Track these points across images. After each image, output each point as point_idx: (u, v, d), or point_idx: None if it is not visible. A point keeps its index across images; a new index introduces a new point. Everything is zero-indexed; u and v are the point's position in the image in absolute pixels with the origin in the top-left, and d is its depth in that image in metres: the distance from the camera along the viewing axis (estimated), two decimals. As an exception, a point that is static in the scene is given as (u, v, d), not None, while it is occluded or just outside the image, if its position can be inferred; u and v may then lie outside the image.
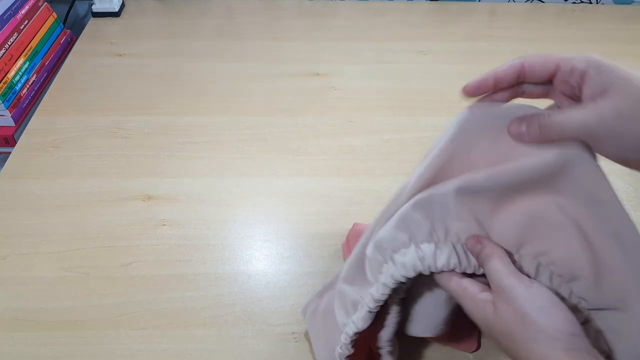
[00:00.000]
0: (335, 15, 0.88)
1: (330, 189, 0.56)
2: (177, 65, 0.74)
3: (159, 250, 0.50)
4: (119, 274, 0.47)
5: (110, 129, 0.63)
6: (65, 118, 0.64)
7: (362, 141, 0.63)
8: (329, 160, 0.60)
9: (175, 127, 0.63)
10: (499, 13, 0.90)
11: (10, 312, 0.44)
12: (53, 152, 0.59)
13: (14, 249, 0.49)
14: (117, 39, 0.79)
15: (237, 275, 0.48)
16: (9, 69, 0.67)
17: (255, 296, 0.46)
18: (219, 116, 0.65)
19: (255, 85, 0.71)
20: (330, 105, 0.68)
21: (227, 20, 0.85)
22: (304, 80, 0.72)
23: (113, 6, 0.83)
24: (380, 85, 0.72)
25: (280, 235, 0.52)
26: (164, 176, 0.57)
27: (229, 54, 0.77)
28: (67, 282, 0.47)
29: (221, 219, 0.53)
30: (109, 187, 0.56)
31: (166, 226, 0.52)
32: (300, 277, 0.48)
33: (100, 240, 0.50)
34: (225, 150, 0.61)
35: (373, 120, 0.66)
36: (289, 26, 0.84)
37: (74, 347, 0.42)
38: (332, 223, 0.53)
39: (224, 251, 0.50)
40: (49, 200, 0.54)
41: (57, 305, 0.45)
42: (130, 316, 0.44)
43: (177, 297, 0.46)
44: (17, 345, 0.42)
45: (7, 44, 0.67)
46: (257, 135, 0.63)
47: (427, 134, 0.64)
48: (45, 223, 0.52)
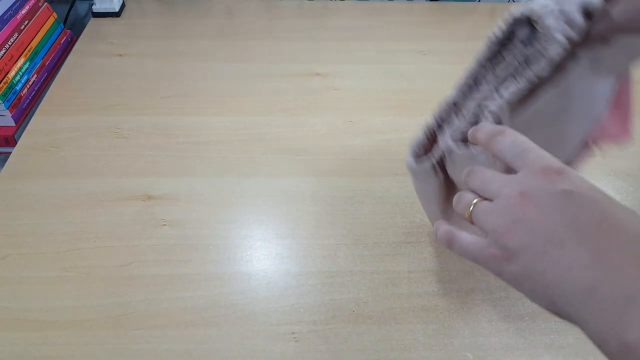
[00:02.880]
0: (335, 15, 0.88)
1: (330, 189, 0.56)
2: (177, 65, 0.74)
3: (159, 250, 0.50)
4: (119, 274, 0.47)
5: (110, 129, 0.63)
6: (65, 118, 0.64)
7: (362, 141, 0.63)
8: (329, 160, 0.60)
9: (175, 127, 0.63)
10: (499, 13, 0.90)
11: (10, 312, 0.44)
12: (53, 152, 0.59)
13: (14, 249, 0.49)
14: (117, 39, 0.79)
15: (237, 275, 0.48)
16: (9, 69, 0.67)
17: (255, 296, 0.46)
18: (219, 116, 0.65)
19: (255, 85, 0.71)
20: (330, 105, 0.68)
21: (227, 20, 0.85)
22: (304, 80, 0.72)
23: (113, 6, 0.83)
24: (380, 85, 0.72)
25: (280, 235, 0.52)
26: (164, 176, 0.57)
27: (229, 54, 0.77)
28: (67, 282, 0.47)
29: (221, 219, 0.53)
30: (109, 187, 0.56)
31: (166, 226, 0.52)
32: (300, 277, 0.48)
33: (100, 240, 0.50)
34: (225, 150, 0.61)
35: (373, 120, 0.66)
36: (289, 26, 0.84)
37: (74, 347, 0.42)
38: (332, 223, 0.53)
39: (224, 251, 0.50)
40: (49, 200, 0.54)
41: (57, 305, 0.45)
42: (130, 316, 0.44)
43: (177, 297, 0.46)
44: (17, 345, 0.42)
45: (8, 44, 0.67)
46: (257, 135, 0.63)
47: (427, 134, 0.64)
48: (45, 223, 0.52)
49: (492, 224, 0.27)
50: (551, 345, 0.44)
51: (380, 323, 0.45)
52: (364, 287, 0.47)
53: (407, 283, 0.48)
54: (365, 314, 0.45)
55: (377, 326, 0.45)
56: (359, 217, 0.54)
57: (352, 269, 0.49)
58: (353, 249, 0.50)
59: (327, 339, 0.44)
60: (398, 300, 0.46)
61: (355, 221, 0.53)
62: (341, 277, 0.48)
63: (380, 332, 0.44)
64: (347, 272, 0.48)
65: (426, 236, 0.52)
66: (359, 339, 0.44)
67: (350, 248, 0.51)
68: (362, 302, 0.46)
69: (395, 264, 0.49)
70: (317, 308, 0.46)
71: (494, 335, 0.44)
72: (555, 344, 0.44)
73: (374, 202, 0.55)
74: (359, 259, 0.50)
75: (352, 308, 0.46)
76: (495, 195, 0.28)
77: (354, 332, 0.44)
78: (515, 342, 0.44)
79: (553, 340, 0.44)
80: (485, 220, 0.27)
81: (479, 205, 0.28)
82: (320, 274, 0.48)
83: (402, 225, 0.53)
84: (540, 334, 0.45)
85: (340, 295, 0.47)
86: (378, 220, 0.53)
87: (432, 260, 0.50)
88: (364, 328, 0.44)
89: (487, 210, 0.28)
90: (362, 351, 0.43)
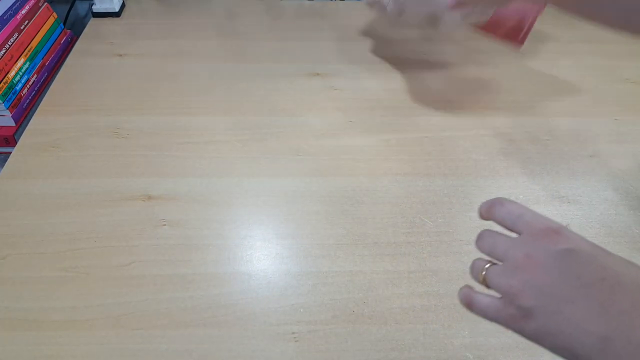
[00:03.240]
0: (335, 15, 0.88)
1: (330, 189, 0.56)
2: (177, 65, 0.74)
3: (159, 250, 0.50)
4: (119, 274, 0.47)
5: (110, 129, 0.63)
6: (65, 118, 0.64)
7: (362, 141, 0.63)
8: (329, 160, 0.60)
9: (175, 127, 0.63)
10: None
11: (10, 312, 0.44)
12: (53, 152, 0.59)
13: (14, 249, 0.49)
14: (117, 39, 0.79)
15: (237, 275, 0.48)
16: (10, 69, 0.67)
17: (255, 296, 0.46)
18: (219, 116, 0.65)
19: (255, 85, 0.71)
20: (330, 105, 0.68)
21: (227, 20, 0.85)
22: (304, 80, 0.72)
23: (113, 6, 0.83)
24: (380, 85, 0.72)
25: (280, 235, 0.52)
26: (164, 176, 0.57)
27: (229, 54, 0.77)
28: (67, 282, 0.47)
29: (221, 219, 0.53)
30: (109, 187, 0.56)
31: (166, 226, 0.52)
32: (300, 277, 0.48)
33: (100, 240, 0.50)
34: (225, 150, 0.61)
35: (373, 120, 0.66)
36: (289, 26, 0.84)
37: (74, 347, 0.42)
38: (332, 223, 0.53)
39: (224, 251, 0.50)
40: (49, 200, 0.54)
41: (57, 305, 0.45)
42: (130, 316, 0.44)
43: (177, 297, 0.46)
44: (17, 345, 0.42)
45: (8, 44, 0.67)
46: (257, 135, 0.63)
47: (427, 134, 0.64)
48: (45, 223, 0.52)
49: (505, 285, 0.29)
50: (551, 345, 0.44)
51: (380, 323, 0.45)
52: (364, 287, 0.47)
53: (407, 283, 0.48)
54: (365, 314, 0.45)
55: (377, 326, 0.45)
56: (359, 217, 0.54)
57: (352, 269, 0.49)
58: (353, 249, 0.50)
59: (327, 339, 0.44)
60: (398, 300, 0.46)
61: (355, 221, 0.53)
62: (341, 277, 0.48)
63: (380, 332, 0.44)
64: (347, 272, 0.49)
65: (426, 236, 0.52)
66: (359, 339, 0.44)
67: (350, 248, 0.51)
68: (362, 302, 0.46)
69: (395, 264, 0.49)
70: (317, 308, 0.46)
71: (494, 335, 0.44)
72: (555, 344, 0.44)
73: (374, 202, 0.55)
74: (359, 259, 0.50)
75: (352, 308, 0.46)
76: (503, 258, 0.30)
77: (354, 332, 0.44)
78: (515, 342, 0.44)
79: (553, 340, 0.44)
80: (499, 283, 0.30)
81: (490, 269, 0.31)
82: (320, 274, 0.48)
83: (402, 225, 0.53)
84: (540, 334, 0.44)
85: (340, 295, 0.47)
86: (378, 220, 0.53)
87: (432, 260, 0.50)
88: (364, 328, 0.44)
89: (498, 273, 0.30)
90: (362, 351, 0.43)
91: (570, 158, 0.62)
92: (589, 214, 0.55)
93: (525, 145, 0.63)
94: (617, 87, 0.73)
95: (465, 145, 0.62)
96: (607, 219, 0.55)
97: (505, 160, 0.61)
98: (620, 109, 0.69)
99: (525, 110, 0.68)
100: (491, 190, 0.57)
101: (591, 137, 0.65)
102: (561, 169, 0.60)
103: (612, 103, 0.71)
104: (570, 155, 0.62)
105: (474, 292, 0.32)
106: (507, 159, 0.61)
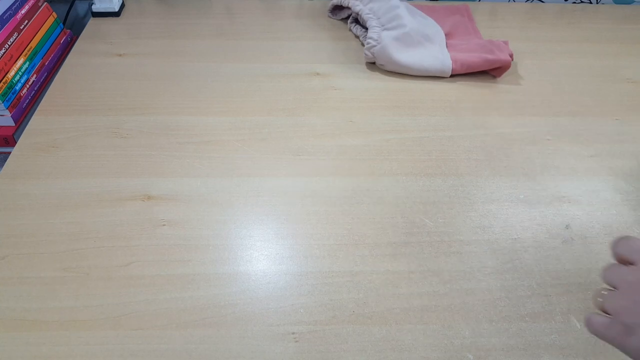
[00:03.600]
0: (335, 15, 0.88)
1: (330, 189, 0.56)
2: (177, 65, 0.74)
3: (159, 250, 0.50)
4: (119, 274, 0.47)
5: (110, 129, 0.63)
6: (65, 118, 0.64)
7: (362, 141, 0.63)
8: (329, 160, 0.60)
9: (175, 127, 0.63)
10: (499, 13, 0.90)
11: (10, 312, 0.44)
12: (53, 152, 0.59)
13: (14, 249, 0.49)
14: (117, 39, 0.79)
15: (237, 275, 0.48)
16: (9, 68, 0.67)
17: (255, 296, 0.46)
18: (219, 116, 0.65)
19: (255, 85, 0.71)
20: (330, 105, 0.68)
21: (227, 20, 0.85)
22: (304, 80, 0.72)
23: (113, 6, 0.83)
24: (380, 85, 0.72)
25: (280, 235, 0.52)
26: (164, 176, 0.57)
27: (229, 54, 0.77)
28: (67, 282, 0.47)
29: (221, 219, 0.53)
30: (109, 187, 0.56)
31: (166, 226, 0.52)
32: (300, 277, 0.48)
33: (100, 240, 0.50)
34: (225, 150, 0.61)
35: (373, 120, 0.66)
36: (289, 26, 0.84)
37: (74, 347, 0.42)
38: (332, 223, 0.53)
39: (224, 251, 0.50)
40: (49, 200, 0.54)
41: (57, 305, 0.45)
42: (130, 316, 0.44)
43: (177, 297, 0.46)
44: (17, 345, 0.42)
45: (7, 44, 0.67)
46: (257, 135, 0.63)
47: (427, 134, 0.64)
48: (45, 223, 0.52)
49: (615, 305, 0.32)
50: (551, 345, 0.44)
51: (380, 323, 0.45)
52: (364, 287, 0.47)
53: (407, 283, 0.48)
54: (365, 314, 0.45)
55: (377, 326, 0.45)
56: (359, 217, 0.54)
57: (352, 269, 0.49)
58: (353, 249, 0.50)
59: (327, 339, 0.43)
60: (398, 300, 0.46)
61: (355, 221, 0.53)
62: (341, 277, 0.48)
63: (380, 332, 0.44)
64: (347, 272, 0.48)
65: (426, 236, 0.52)
66: (359, 339, 0.44)
67: (350, 248, 0.51)
68: (362, 302, 0.46)
69: (395, 264, 0.49)
70: (317, 308, 0.46)
71: (494, 336, 0.44)
72: (556, 344, 0.44)
73: (374, 202, 0.55)
74: (359, 259, 0.50)
75: (352, 308, 0.46)
76: (618, 284, 0.33)
77: (354, 332, 0.44)
78: (516, 342, 0.44)
79: (553, 340, 0.44)
80: (610, 305, 0.33)
81: (606, 294, 0.33)
82: (320, 274, 0.48)
83: (402, 225, 0.53)
84: (540, 334, 0.45)
85: (340, 295, 0.47)
86: (378, 220, 0.53)
87: (432, 260, 0.50)
88: (364, 328, 0.44)
89: (611, 296, 0.33)
90: (362, 351, 0.43)
91: (570, 158, 0.62)
92: (590, 214, 0.55)
93: (525, 145, 0.63)
94: (618, 87, 0.73)
95: (465, 145, 0.62)
96: (608, 219, 0.55)
97: (505, 160, 0.61)
98: (621, 109, 0.69)
99: (526, 110, 0.68)
100: (491, 190, 0.57)
101: (591, 137, 0.65)
102: (561, 169, 0.60)
103: (613, 103, 0.71)
104: (571, 155, 0.62)
105: (592, 313, 0.34)
106: (507, 159, 0.61)
